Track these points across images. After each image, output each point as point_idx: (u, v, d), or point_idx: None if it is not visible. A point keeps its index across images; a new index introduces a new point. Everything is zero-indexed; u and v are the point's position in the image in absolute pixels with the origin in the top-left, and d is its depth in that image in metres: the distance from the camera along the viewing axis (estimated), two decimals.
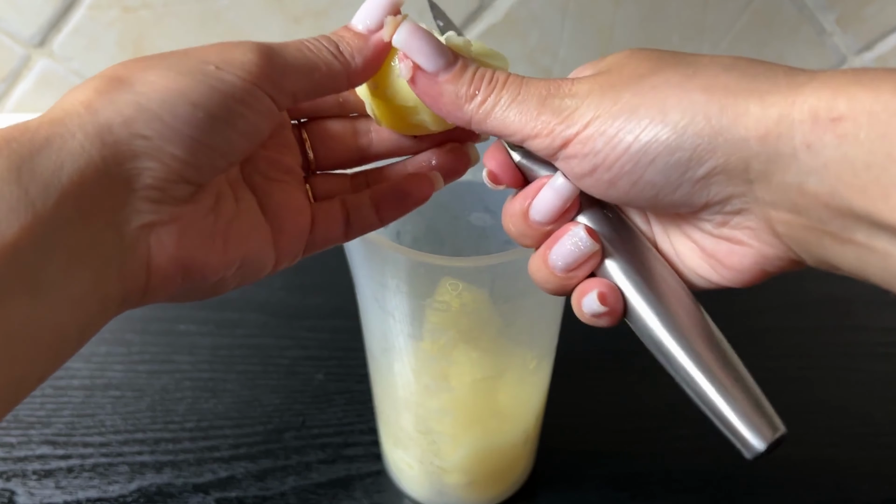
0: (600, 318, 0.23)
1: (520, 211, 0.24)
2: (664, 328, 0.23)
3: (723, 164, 0.20)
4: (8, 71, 0.60)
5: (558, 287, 0.24)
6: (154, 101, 0.20)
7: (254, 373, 0.46)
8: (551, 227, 0.23)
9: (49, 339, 0.18)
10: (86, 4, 0.56)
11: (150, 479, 0.40)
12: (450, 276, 0.29)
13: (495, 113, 0.22)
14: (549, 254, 0.23)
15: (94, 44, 0.59)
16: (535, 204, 0.23)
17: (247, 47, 0.21)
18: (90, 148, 0.19)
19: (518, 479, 0.40)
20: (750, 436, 0.21)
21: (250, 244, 0.23)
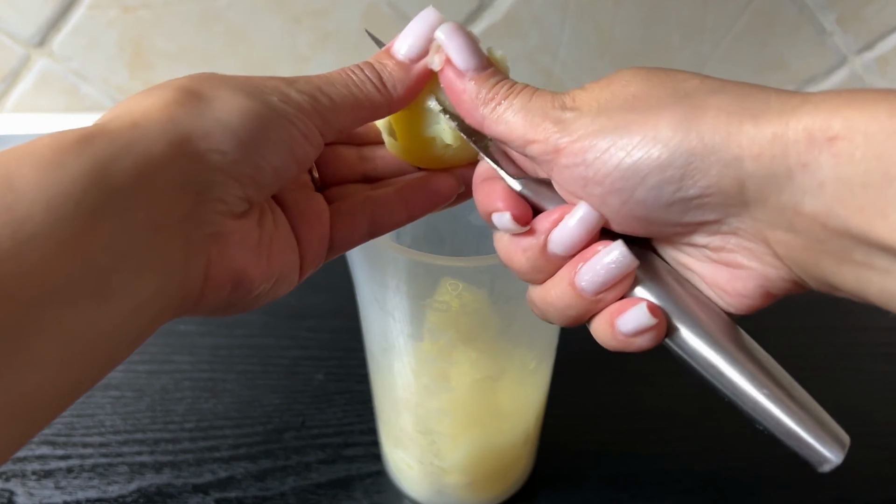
0: (645, 333, 0.22)
1: (536, 245, 0.23)
2: (713, 349, 0.22)
3: (716, 183, 0.20)
4: (7, 71, 0.60)
5: (581, 313, 0.23)
6: (233, 118, 0.20)
7: (254, 373, 0.46)
8: (567, 259, 0.23)
9: (108, 344, 0.18)
10: (85, 4, 0.56)
11: (149, 480, 0.40)
12: (450, 276, 0.29)
13: (505, 117, 0.22)
14: (578, 276, 0.22)
15: (93, 43, 0.58)
16: (556, 237, 0.22)
17: (300, 86, 0.22)
18: (171, 156, 0.19)
19: (518, 480, 0.40)
20: (825, 451, 0.21)
21: (286, 256, 0.23)
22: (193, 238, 0.20)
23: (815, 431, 0.21)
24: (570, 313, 0.23)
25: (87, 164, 0.17)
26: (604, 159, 0.21)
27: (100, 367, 0.18)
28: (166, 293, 0.19)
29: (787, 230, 0.20)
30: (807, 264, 0.20)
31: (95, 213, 0.17)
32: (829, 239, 0.19)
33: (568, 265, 0.23)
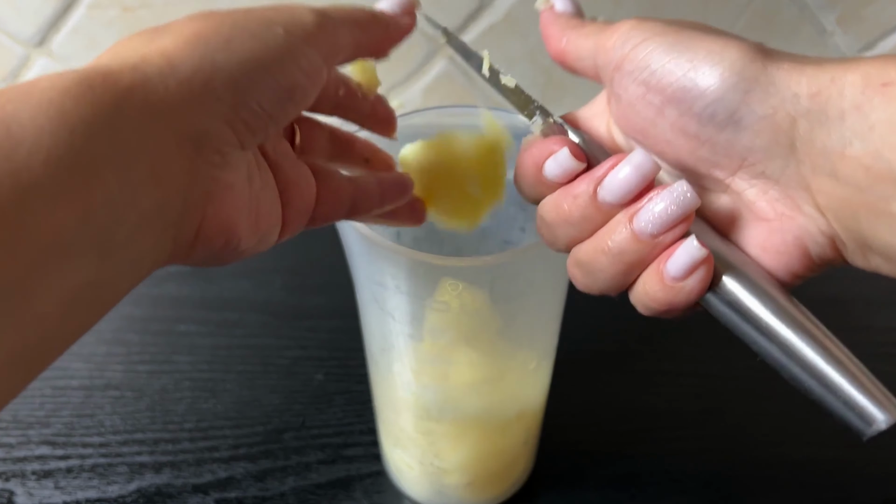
0: (695, 272, 0.22)
1: (586, 192, 0.23)
2: (762, 301, 0.22)
3: (771, 115, 0.20)
4: (7, 71, 0.60)
5: (635, 260, 0.22)
6: (232, 62, 0.19)
7: (253, 373, 0.46)
8: (619, 209, 0.22)
9: (107, 295, 0.18)
10: (85, 4, 0.56)
11: (149, 480, 0.40)
12: (450, 276, 0.29)
13: (579, 41, 0.25)
14: (637, 218, 0.22)
15: (93, 44, 0.58)
16: (609, 183, 0.22)
17: (305, 9, 0.22)
18: (170, 105, 0.18)
19: (518, 480, 0.40)
20: (877, 410, 0.20)
21: (272, 218, 0.23)
22: (191, 195, 0.19)
23: (866, 390, 0.20)
24: (624, 259, 0.22)
25: (88, 111, 0.17)
26: (669, 68, 0.21)
27: (97, 316, 0.18)
28: (161, 248, 0.19)
29: (830, 176, 0.20)
30: (845, 216, 0.20)
31: (97, 166, 0.16)
32: (871, 186, 0.19)
33: (624, 211, 0.22)
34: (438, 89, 0.60)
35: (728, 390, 0.46)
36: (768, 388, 0.46)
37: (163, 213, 0.18)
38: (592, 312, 0.50)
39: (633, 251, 0.22)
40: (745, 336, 0.22)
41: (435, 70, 0.59)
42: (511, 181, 0.27)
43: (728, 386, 0.46)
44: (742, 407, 0.45)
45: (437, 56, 0.59)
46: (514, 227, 0.37)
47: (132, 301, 0.51)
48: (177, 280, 0.53)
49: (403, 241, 0.36)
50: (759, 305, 0.22)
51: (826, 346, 0.21)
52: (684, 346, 0.48)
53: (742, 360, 0.48)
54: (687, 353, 0.48)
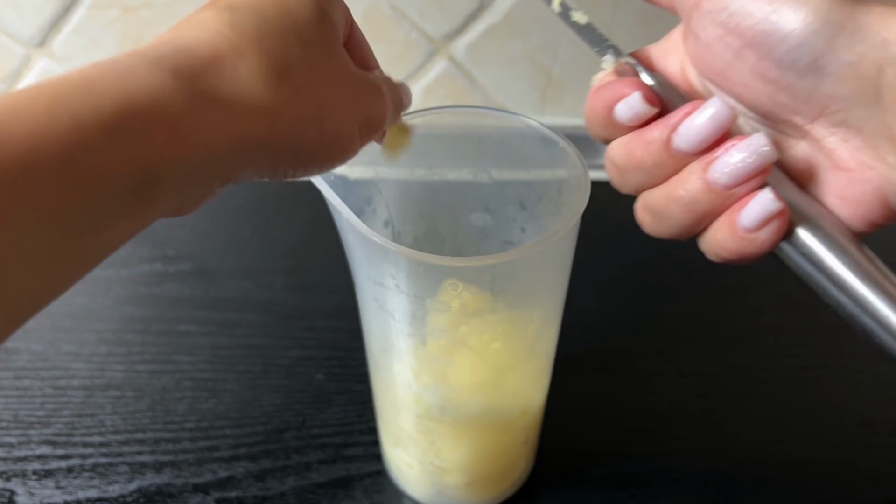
0: (770, 224, 0.21)
1: (660, 139, 0.22)
2: (838, 256, 0.21)
3: (857, 62, 0.20)
4: (8, 71, 0.60)
5: (707, 210, 0.22)
6: (302, 153, 0.21)
7: (254, 373, 0.46)
8: (693, 157, 0.22)
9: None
10: (86, 4, 0.57)
11: (149, 479, 0.40)
12: (450, 276, 0.29)
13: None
14: (712, 168, 0.21)
15: (94, 44, 0.59)
16: (684, 131, 0.22)
17: (382, 101, 0.24)
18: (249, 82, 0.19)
19: (518, 480, 0.40)
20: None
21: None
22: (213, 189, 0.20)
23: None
24: (695, 209, 0.22)
25: (181, 87, 0.18)
26: (749, 10, 0.20)
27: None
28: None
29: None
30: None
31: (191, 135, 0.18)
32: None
33: (699, 160, 0.22)
34: (438, 90, 0.60)
35: (728, 390, 0.46)
36: (768, 387, 0.46)
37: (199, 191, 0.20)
38: (592, 312, 0.50)
39: (705, 201, 0.22)
40: (817, 287, 0.22)
41: (435, 70, 0.59)
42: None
43: (728, 386, 0.46)
44: (742, 407, 0.45)
45: (436, 56, 0.59)
46: (514, 227, 0.37)
47: (133, 301, 0.51)
48: (177, 280, 0.53)
49: (403, 241, 0.37)
50: (832, 258, 0.21)
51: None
52: (684, 345, 0.48)
53: (742, 360, 0.48)
54: (687, 352, 0.48)
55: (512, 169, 0.34)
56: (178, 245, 0.56)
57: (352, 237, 0.30)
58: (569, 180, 0.32)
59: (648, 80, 0.23)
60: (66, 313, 0.50)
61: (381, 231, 0.35)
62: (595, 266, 0.53)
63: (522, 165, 0.34)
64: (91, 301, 0.51)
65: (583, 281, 0.40)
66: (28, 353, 0.47)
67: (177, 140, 0.18)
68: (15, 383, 0.45)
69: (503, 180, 0.36)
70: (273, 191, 0.62)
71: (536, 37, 0.58)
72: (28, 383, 0.45)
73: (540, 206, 0.35)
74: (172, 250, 0.55)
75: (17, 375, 0.46)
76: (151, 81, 0.18)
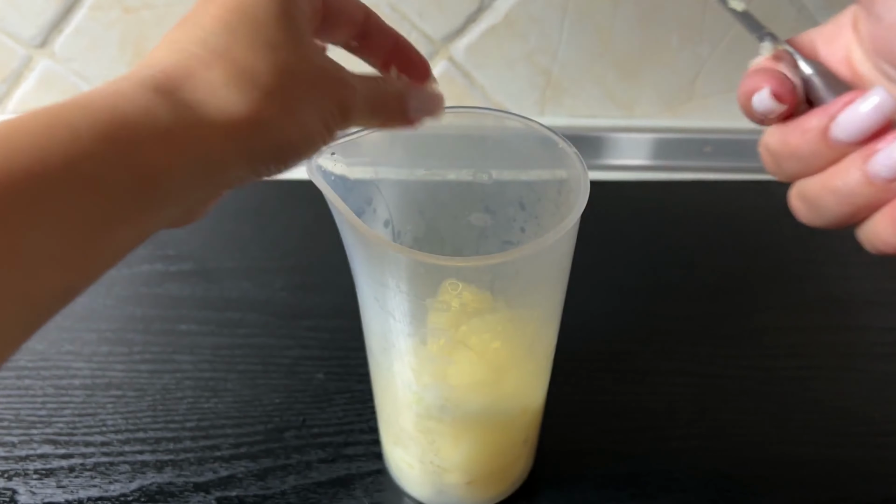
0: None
1: (817, 128, 0.21)
2: None
3: None
4: (9, 71, 0.60)
5: (865, 203, 0.21)
6: (271, 143, 0.22)
7: (254, 372, 0.46)
8: (852, 148, 0.21)
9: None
10: (87, 5, 0.57)
11: (151, 479, 0.40)
12: (450, 276, 0.29)
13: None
14: (873, 161, 0.20)
15: (95, 44, 0.59)
16: (843, 121, 0.21)
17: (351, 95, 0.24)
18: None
19: (517, 479, 0.40)
20: None
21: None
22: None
23: None
24: (853, 201, 0.21)
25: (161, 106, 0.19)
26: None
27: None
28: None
29: None
30: None
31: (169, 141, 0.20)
32: None
33: (859, 151, 0.21)
34: None
35: (727, 390, 0.46)
36: (767, 387, 0.46)
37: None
38: (592, 312, 0.50)
39: (864, 194, 0.21)
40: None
41: (434, 71, 0.59)
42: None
43: (727, 385, 0.46)
44: (741, 406, 0.45)
45: (436, 57, 0.59)
46: (514, 228, 0.37)
47: (134, 301, 0.51)
48: (178, 280, 0.53)
49: (403, 241, 0.37)
50: None
51: None
52: (683, 345, 0.48)
53: (742, 360, 0.48)
54: (686, 352, 0.48)
55: (512, 169, 0.34)
56: (179, 245, 0.56)
57: (352, 237, 0.30)
58: (568, 180, 0.32)
59: (806, 68, 0.23)
60: (67, 313, 0.50)
61: (381, 231, 0.35)
62: (595, 266, 0.53)
63: (522, 166, 0.35)
64: (92, 301, 0.51)
65: (583, 281, 0.40)
66: (29, 352, 0.47)
67: (167, 148, 0.19)
68: (16, 383, 0.46)
69: (503, 180, 0.36)
70: (273, 191, 0.62)
71: (536, 38, 0.58)
72: (29, 383, 0.46)
73: (540, 207, 0.35)
74: (173, 250, 0.55)
75: (18, 375, 0.46)
76: (138, 99, 0.19)
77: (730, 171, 0.64)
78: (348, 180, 0.32)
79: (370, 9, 0.28)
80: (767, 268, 0.54)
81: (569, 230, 0.29)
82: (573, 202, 0.30)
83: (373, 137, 0.33)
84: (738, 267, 0.55)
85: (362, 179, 0.33)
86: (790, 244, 0.56)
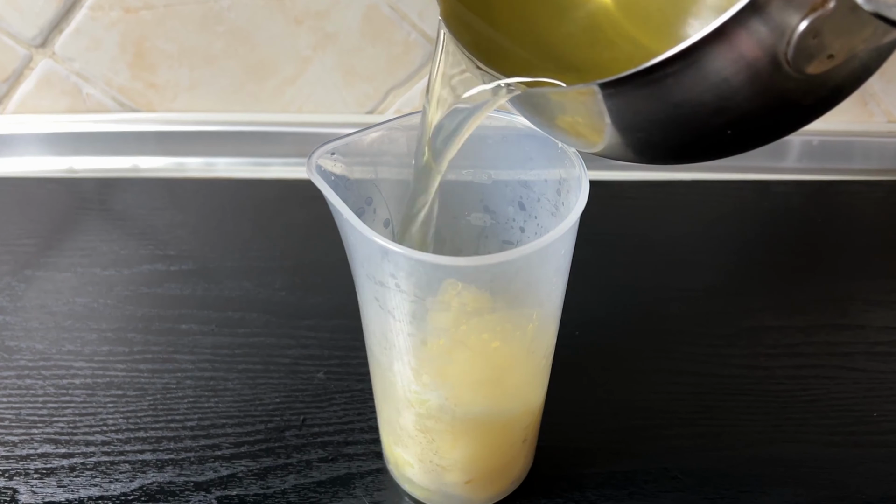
0: None
1: None
2: None
3: None
4: (10, 71, 0.60)
5: None
6: None
7: (255, 372, 0.46)
8: None
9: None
10: (87, 5, 0.57)
11: (151, 478, 0.40)
12: (450, 276, 0.29)
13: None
14: None
15: (95, 44, 0.59)
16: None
17: None
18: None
19: (517, 478, 0.40)
20: None
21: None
22: None
23: None
24: None
25: None
26: None
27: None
28: None
29: None
30: None
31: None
32: None
33: None
34: None
35: (725, 388, 0.46)
36: (767, 387, 0.46)
37: None
38: (591, 311, 0.50)
39: None
40: None
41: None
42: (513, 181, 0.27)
43: (725, 384, 0.46)
44: (739, 405, 0.45)
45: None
46: (514, 227, 0.37)
47: (134, 301, 0.51)
48: (179, 280, 0.53)
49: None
50: None
51: None
52: (682, 344, 0.49)
53: (741, 360, 0.48)
54: (685, 351, 0.48)
55: (511, 169, 0.34)
56: (179, 245, 0.56)
57: (352, 237, 0.30)
58: (568, 180, 0.32)
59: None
60: (68, 313, 0.50)
61: (381, 231, 0.35)
62: (594, 266, 0.53)
63: (522, 165, 0.35)
64: (93, 301, 0.51)
65: (582, 281, 0.40)
66: (30, 352, 0.48)
67: None
68: (17, 382, 0.46)
69: (502, 180, 0.36)
70: (273, 191, 0.62)
71: None
72: (30, 382, 0.46)
73: (539, 207, 0.35)
74: (173, 250, 0.56)
75: (19, 375, 0.46)
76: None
77: (730, 170, 0.65)
78: (348, 180, 0.32)
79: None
80: (767, 268, 0.55)
81: (569, 230, 0.29)
82: (573, 202, 0.30)
83: (373, 137, 0.33)
84: (738, 267, 0.55)
85: (362, 179, 0.33)
86: (790, 244, 0.56)
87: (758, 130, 0.21)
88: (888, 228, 0.59)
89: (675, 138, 0.22)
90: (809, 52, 0.19)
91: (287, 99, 0.63)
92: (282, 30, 0.59)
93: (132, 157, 0.65)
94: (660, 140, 0.22)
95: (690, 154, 0.23)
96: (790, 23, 0.18)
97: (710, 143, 0.22)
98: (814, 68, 0.19)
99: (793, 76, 0.19)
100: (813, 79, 0.19)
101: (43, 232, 0.57)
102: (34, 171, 0.64)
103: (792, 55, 0.19)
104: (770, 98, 0.20)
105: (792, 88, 0.20)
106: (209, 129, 0.64)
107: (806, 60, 0.19)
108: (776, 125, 0.21)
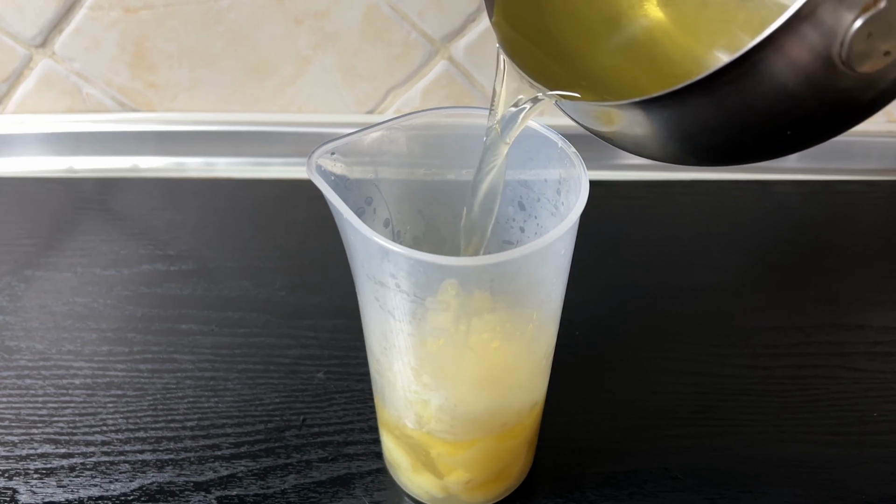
0: None
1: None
2: None
3: None
4: (10, 71, 0.60)
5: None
6: None
7: (255, 372, 0.46)
8: None
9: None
10: (87, 5, 0.57)
11: (151, 478, 0.40)
12: (450, 276, 0.29)
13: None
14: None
15: (95, 44, 0.59)
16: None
17: None
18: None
19: (517, 478, 0.40)
20: None
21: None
22: None
23: None
24: None
25: None
26: None
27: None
28: None
29: None
30: None
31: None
32: None
33: None
34: (438, 90, 0.60)
35: (726, 389, 0.46)
36: (767, 387, 0.46)
37: None
38: (591, 311, 0.50)
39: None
40: None
41: (434, 71, 0.59)
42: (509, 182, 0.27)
43: (725, 384, 0.46)
44: (740, 405, 0.45)
45: (436, 57, 0.59)
46: (514, 227, 0.37)
47: (134, 300, 0.51)
48: (179, 280, 0.53)
49: (403, 241, 0.37)
50: None
51: None
52: (682, 344, 0.49)
53: (741, 360, 0.48)
54: (684, 351, 0.48)
55: (511, 169, 0.34)
56: (179, 245, 0.56)
57: (352, 237, 0.30)
58: (567, 180, 0.32)
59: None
60: (68, 313, 0.50)
61: (381, 231, 0.35)
62: (594, 266, 0.53)
63: (521, 165, 0.35)
64: (93, 301, 0.51)
65: (582, 281, 0.40)
66: (30, 352, 0.48)
67: None
68: (17, 382, 0.46)
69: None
70: (273, 191, 0.62)
71: None
72: (30, 382, 0.46)
73: (539, 206, 0.35)
74: (173, 250, 0.56)
75: (19, 375, 0.46)
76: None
77: (730, 170, 0.65)
78: (348, 180, 0.32)
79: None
80: (767, 268, 0.55)
81: (568, 230, 0.29)
82: (573, 202, 0.30)
83: (373, 137, 0.33)
84: (738, 267, 0.55)
85: (362, 179, 0.33)
86: (790, 244, 0.57)
87: (817, 129, 0.22)
88: (888, 228, 0.59)
89: (736, 142, 0.22)
90: (864, 52, 0.19)
91: (287, 99, 0.63)
92: (282, 30, 0.59)
93: (132, 157, 0.65)
94: (720, 144, 0.23)
95: (748, 156, 0.24)
96: (842, 25, 0.18)
97: (769, 144, 0.22)
98: (869, 67, 0.19)
99: (849, 75, 0.19)
100: (869, 76, 0.20)
101: (43, 232, 0.57)
102: (34, 171, 0.64)
103: (846, 56, 0.19)
104: (827, 98, 0.20)
105: (849, 87, 0.20)
106: (209, 128, 0.64)
107: (861, 60, 0.19)
108: (835, 123, 0.22)
